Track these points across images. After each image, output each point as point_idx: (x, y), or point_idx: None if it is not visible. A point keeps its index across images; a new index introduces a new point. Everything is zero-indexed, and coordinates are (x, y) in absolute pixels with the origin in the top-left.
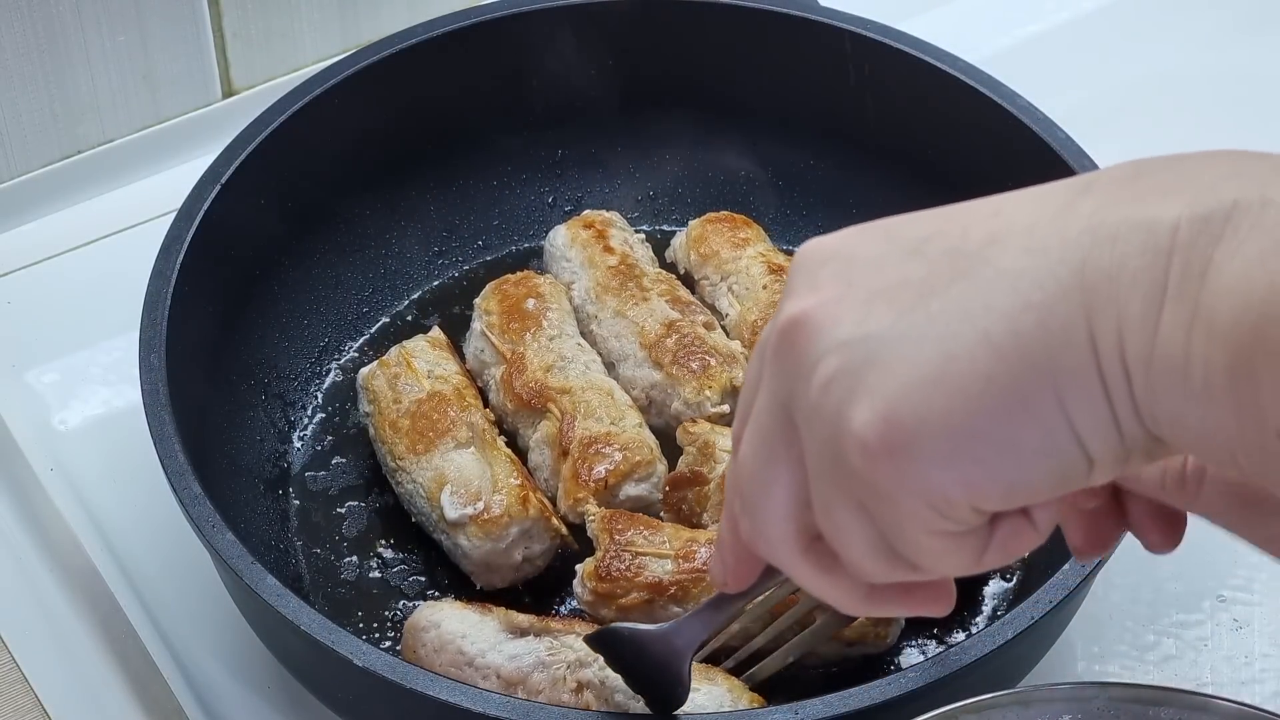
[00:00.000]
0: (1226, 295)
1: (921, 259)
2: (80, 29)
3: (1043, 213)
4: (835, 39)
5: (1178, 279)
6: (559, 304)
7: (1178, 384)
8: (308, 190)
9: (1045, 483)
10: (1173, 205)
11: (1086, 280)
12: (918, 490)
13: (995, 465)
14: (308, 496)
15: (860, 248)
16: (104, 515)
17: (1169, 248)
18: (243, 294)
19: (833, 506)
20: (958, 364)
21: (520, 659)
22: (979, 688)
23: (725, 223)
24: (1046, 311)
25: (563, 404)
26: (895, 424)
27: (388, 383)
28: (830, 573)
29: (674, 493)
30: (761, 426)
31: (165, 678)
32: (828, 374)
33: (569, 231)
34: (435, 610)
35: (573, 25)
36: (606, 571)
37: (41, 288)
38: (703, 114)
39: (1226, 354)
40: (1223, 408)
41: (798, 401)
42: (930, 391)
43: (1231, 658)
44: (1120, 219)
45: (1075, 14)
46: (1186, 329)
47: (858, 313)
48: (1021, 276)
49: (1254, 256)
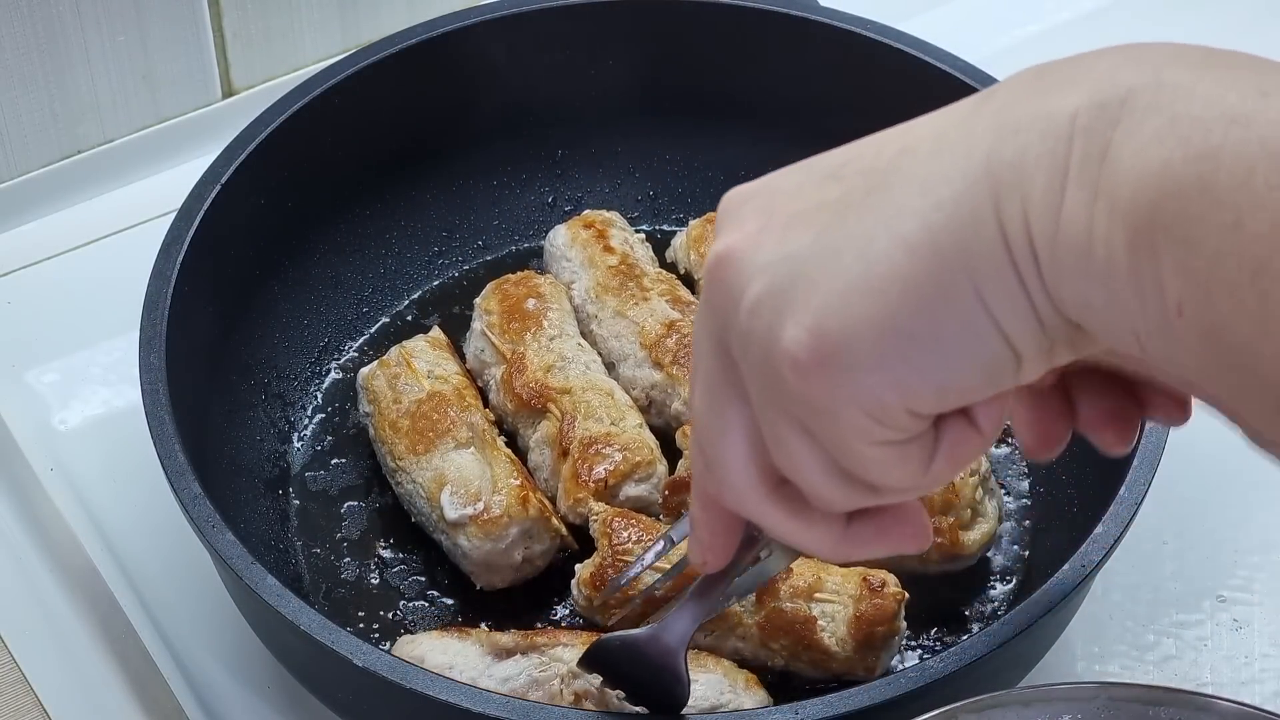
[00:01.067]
0: (1125, 174)
1: (837, 181)
2: (80, 29)
3: (950, 120)
4: (835, 39)
5: (1078, 162)
6: (559, 304)
7: (1082, 264)
8: (308, 190)
9: (975, 379)
10: (1071, 95)
11: (991, 171)
12: (852, 399)
13: (923, 364)
14: (308, 496)
15: (779, 182)
16: (104, 515)
17: (1069, 134)
18: (243, 294)
19: (781, 435)
20: (877, 269)
21: (513, 680)
22: (979, 688)
23: None
24: (955, 206)
25: (563, 404)
26: (822, 335)
27: (387, 383)
28: (801, 515)
29: (673, 496)
30: (705, 373)
31: (165, 677)
32: (754, 298)
33: (569, 231)
34: (414, 645)
35: (573, 25)
36: (601, 580)
37: (41, 288)
38: (703, 114)
39: (1127, 231)
40: (1126, 286)
41: (731, 334)
42: (853, 299)
43: (1231, 658)
44: (1022, 113)
45: (1075, 14)
46: (1088, 209)
47: (778, 236)
48: (930, 177)
49: (1150, 136)
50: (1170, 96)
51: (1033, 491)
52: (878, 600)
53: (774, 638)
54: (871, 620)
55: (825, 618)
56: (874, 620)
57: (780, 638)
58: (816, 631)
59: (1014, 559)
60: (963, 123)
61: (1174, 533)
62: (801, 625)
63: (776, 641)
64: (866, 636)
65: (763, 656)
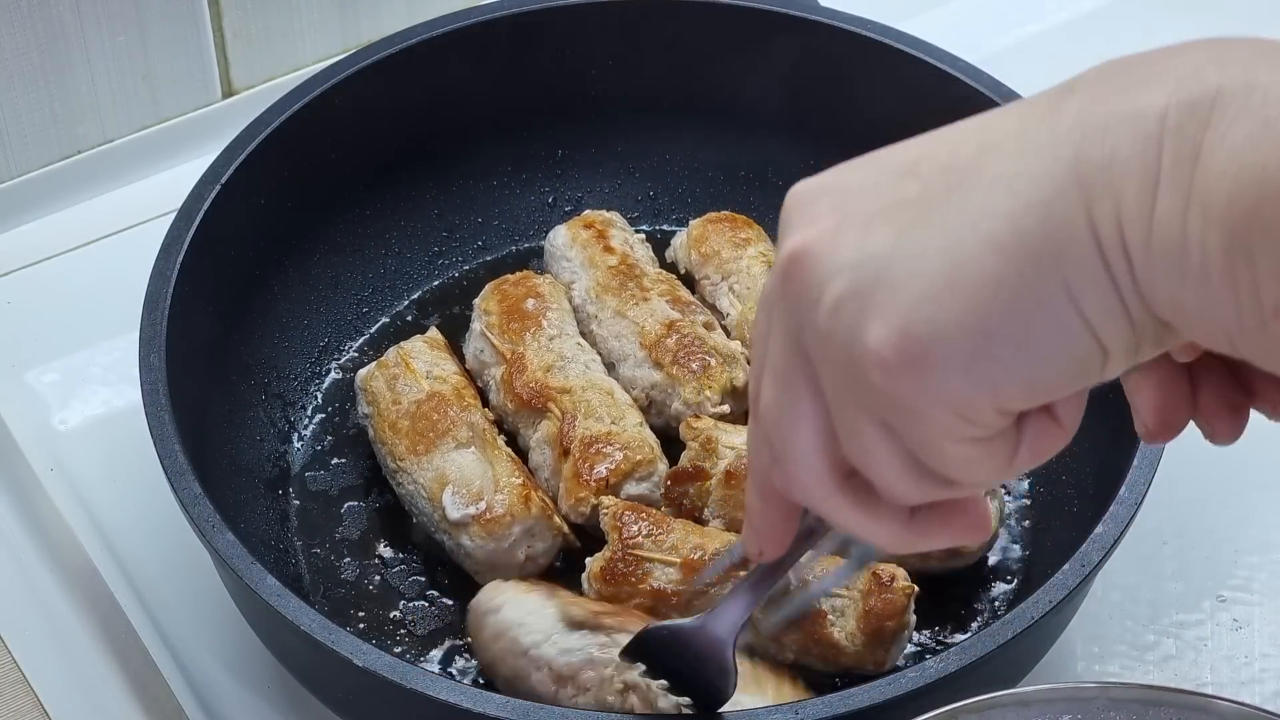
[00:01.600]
0: (1219, 178)
1: (915, 178)
2: (80, 29)
3: (1030, 117)
4: (835, 39)
5: (1170, 165)
6: (559, 304)
7: (1176, 267)
8: (308, 190)
9: (1064, 376)
10: (1158, 94)
11: (1081, 174)
12: (941, 399)
13: (1013, 363)
14: (308, 496)
15: (851, 178)
16: (104, 515)
17: (1158, 134)
18: (243, 294)
19: (858, 430)
20: (965, 270)
21: (572, 654)
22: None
23: (726, 223)
24: (1046, 208)
25: (563, 403)
26: (911, 336)
27: (386, 384)
28: (868, 508)
29: (675, 487)
30: (777, 368)
31: (165, 678)
32: (835, 298)
33: (569, 231)
34: (498, 593)
35: (573, 25)
36: (611, 574)
37: (41, 288)
38: (703, 114)
39: (1222, 236)
40: (1220, 289)
41: (808, 332)
42: (942, 300)
43: (1231, 658)
44: (1108, 112)
45: (1075, 14)
46: (1182, 213)
47: (858, 236)
48: (1017, 178)
49: (1242, 139)
50: (1261, 98)
51: (1033, 491)
52: (887, 595)
53: (784, 632)
54: (881, 615)
55: (835, 612)
56: (883, 615)
57: (790, 632)
58: (826, 626)
59: (1014, 559)
60: (1044, 121)
61: (1174, 533)
62: (811, 620)
63: (786, 636)
64: (876, 631)
65: (773, 651)
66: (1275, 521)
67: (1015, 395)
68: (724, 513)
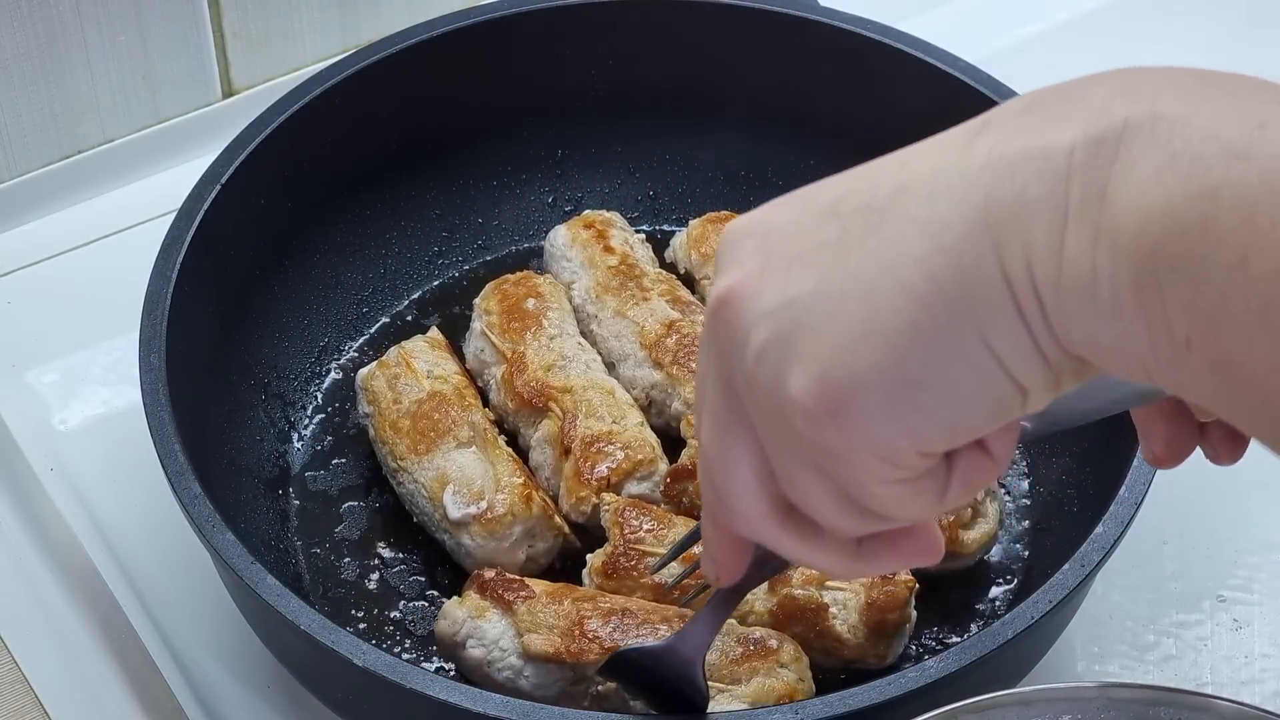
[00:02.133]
0: (1126, 213)
1: (836, 220)
2: (80, 29)
3: (944, 157)
4: (835, 39)
5: (1078, 202)
6: (559, 303)
7: (1088, 304)
8: (307, 190)
9: (983, 417)
10: (1066, 131)
11: (991, 215)
12: (863, 444)
13: (933, 409)
14: (308, 496)
15: (777, 217)
16: (104, 515)
17: (1066, 172)
18: (243, 294)
19: (792, 472)
20: (881, 317)
21: (547, 688)
22: (979, 688)
23: (725, 222)
24: (957, 252)
25: (564, 403)
26: (831, 385)
27: (387, 383)
28: (814, 539)
29: (675, 484)
30: (712, 409)
31: (165, 677)
32: (759, 345)
33: (569, 231)
34: (457, 625)
35: (572, 25)
36: (613, 569)
37: (41, 288)
38: (703, 114)
39: (1131, 270)
40: (1133, 323)
41: (737, 377)
42: (859, 348)
43: (1231, 658)
44: (1018, 150)
45: (1075, 14)
46: (1090, 249)
47: (780, 279)
48: (930, 221)
49: (1149, 174)
50: (1167, 131)
51: (1033, 491)
52: (889, 588)
53: (786, 625)
54: (883, 607)
55: (837, 605)
56: (885, 607)
57: (792, 625)
58: (828, 619)
59: (1014, 559)
60: (958, 161)
61: (1174, 533)
62: (813, 613)
63: (788, 629)
64: (878, 624)
65: None
66: (1275, 521)
67: (937, 438)
68: None
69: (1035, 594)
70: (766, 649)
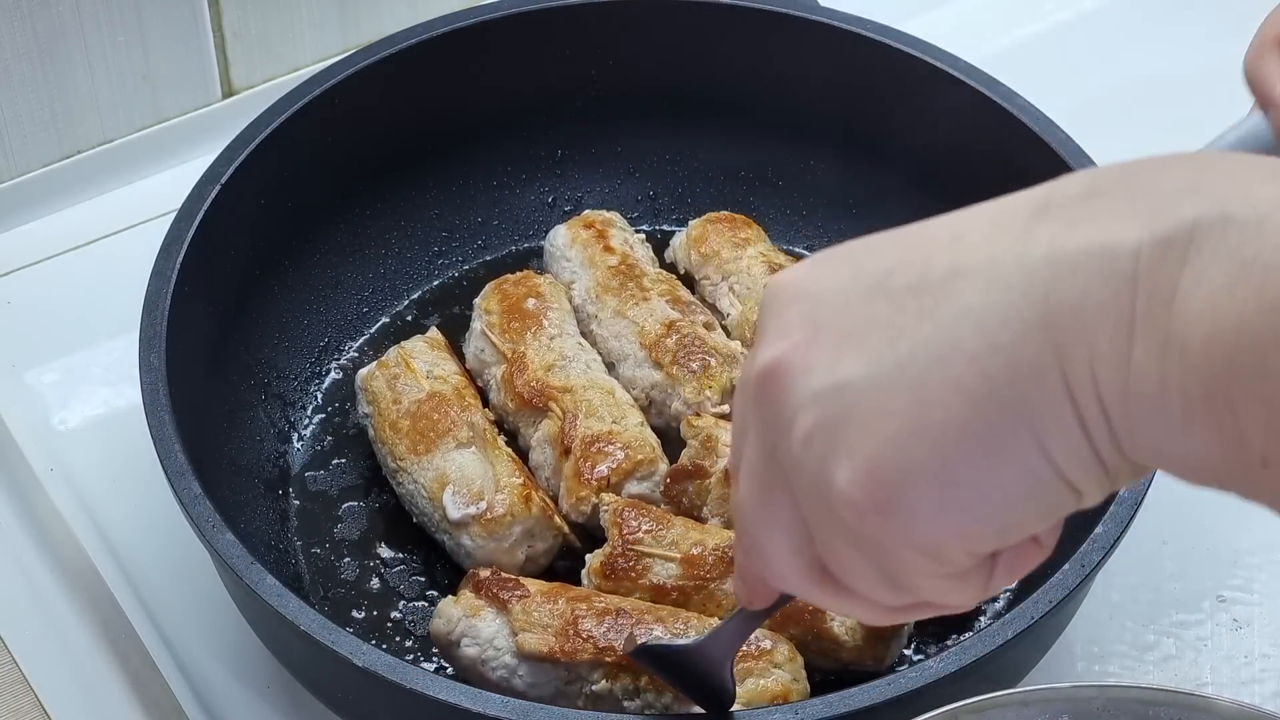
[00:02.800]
0: (1196, 323)
1: (886, 296)
2: (80, 29)
3: (1002, 240)
4: (835, 39)
5: (1145, 308)
6: (559, 303)
7: (1156, 416)
8: (307, 190)
9: (1035, 518)
10: (1131, 228)
11: (1052, 316)
12: (910, 543)
13: (982, 511)
14: (308, 496)
15: (825, 283)
16: (104, 515)
17: (1132, 274)
18: (243, 294)
19: (833, 548)
20: (932, 414)
21: (541, 687)
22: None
23: (725, 223)
24: (1014, 352)
25: (564, 403)
26: (879, 480)
27: (387, 384)
28: (848, 596)
29: (675, 485)
30: (754, 470)
31: (165, 678)
32: (806, 429)
33: (569, 231)
34: (451, 624)
35: (572, 25)
36: (611, 569)
37: (41, 288)
38: (703, 114)
39: (1201, 384)
40: (1204, 437)
41: (782, 454)
42: (909, 444)
43: (1231, 658)
44: (1079, 247)
45: (1075, 13)
46: (1159, 360)
47: (828, 358)
48: (986, 314)
49: (1220, 285)
50: (1238, 236)
51: None
52: None
53: (784, 626)
54: None
55: None
56: None
57: (791, 626)
58: (826, 620)
59: None
60: (1016, 248)
61: (1174, 533)
62: (812, 614)
63: (787, 630)
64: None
65: None
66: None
67: (986, 539)
68: (723, 511)
69: (1035, 594)
70: (761, 649)
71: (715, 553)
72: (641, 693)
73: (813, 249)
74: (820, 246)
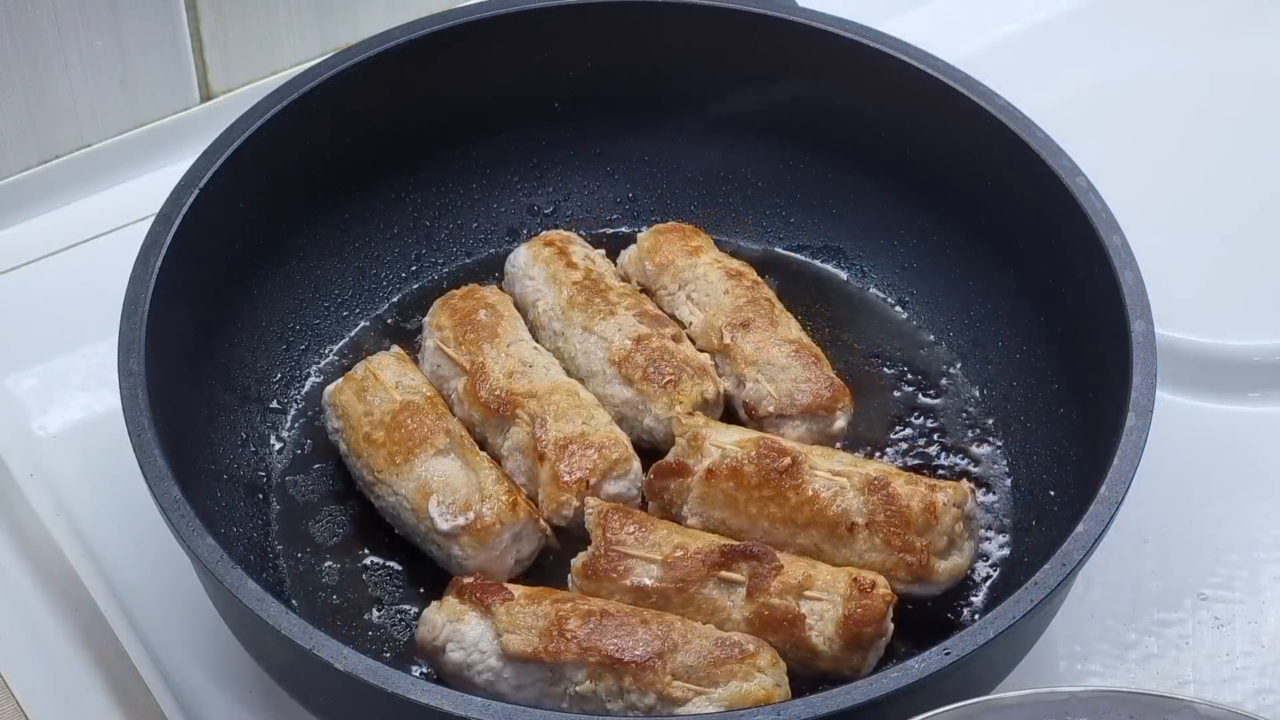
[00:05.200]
0: None
1: None
2: (58, 33)
3: None
4: (814, 39)
5: None
6: (509, 312)
7: None
8: (286, 194)
9: None
10: None
11: None
12: None
13: None
14: (288, 502)
15: None
16: (84, 520)
17: None
18: (222, 298)
19: None
20: None
21: (525, 689)
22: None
23: (676, 232)
24: None
25: (531, 408)
26: None
27: (356, 396)
28: None
29: (657, 480)
30: None
31: (146, 683)
32: None
33: (529, 251)
34: (436, 631)
35: (552, 28)
36: (594, 570)
37: (19, 293)
38: (683, 116)
39: None
40: None
41: None
42: None
43: (1213, 656)
44: None
45: (1052, 14)
46: None
47: None
48: None
49: None
50: None
51: (1014, 491)
52: (866, 601)
53: (763, 634)
54: (860, 621)
55: (814, 615)
56: (862, 621)
57: (768, 634)
58: (805, 629)
59: (996, 558)
60: None
61: (1155, 531)
62: (790, 622)
63: (765, 638)
64: (854, 637)
65: None
66: (1255, 520)
67: None
68: (702, 510)
69: (1016, 594)
70: (744, 652)
71: (699, 554)
72: (625, 693)
73: (792, 249)
74: (800, 246)
